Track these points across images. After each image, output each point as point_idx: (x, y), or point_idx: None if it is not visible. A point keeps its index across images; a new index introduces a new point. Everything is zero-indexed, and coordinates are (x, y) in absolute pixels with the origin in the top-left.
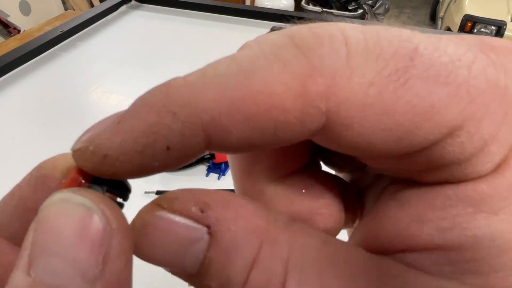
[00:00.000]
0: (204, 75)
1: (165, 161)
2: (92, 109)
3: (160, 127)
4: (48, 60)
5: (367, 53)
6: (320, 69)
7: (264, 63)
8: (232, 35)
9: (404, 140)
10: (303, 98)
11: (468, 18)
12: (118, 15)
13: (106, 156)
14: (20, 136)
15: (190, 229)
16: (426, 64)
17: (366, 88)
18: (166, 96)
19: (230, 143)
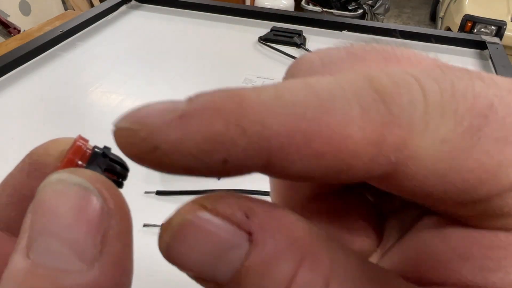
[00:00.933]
0: (281, 97)
1: (214, 171)
2: (92, 109)
3: (225, 139)
4: (48, 60)
5: (443, 108)
6: (398, 119)
7: (344, 102)
8: (232, 35)
9: (465, 194)
10: (377, 146)
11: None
12: (118, 15)
13: (157, 148)
14: (20, 136)
15: (232, 234)
16: (499, 123)
17: (439, 144)
18: (239, 107)
19: (289, 172)
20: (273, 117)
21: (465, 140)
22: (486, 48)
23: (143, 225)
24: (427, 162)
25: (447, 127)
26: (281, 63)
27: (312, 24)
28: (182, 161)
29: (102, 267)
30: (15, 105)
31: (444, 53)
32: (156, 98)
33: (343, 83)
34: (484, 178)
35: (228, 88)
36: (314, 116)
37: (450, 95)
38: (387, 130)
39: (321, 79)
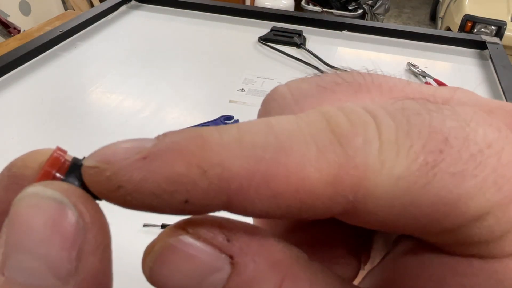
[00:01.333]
0: (241, 139)
1: (176, 210)
2: (92, 109)
3: (186, 180)
4: (48, 60)
5: (398, 146)
6: (354, 160)
7: (302, 144)
8: (232, 35)
9: (428, 227)
10: (334, 186)
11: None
12: (118, 15)
13: (120, 187)
14: (20, 136)
15: (213, 257)
16: (455, 157)
17: (395, 182)
18: (200, 149)
19: (250, 211)
20: (233, 159)
21: (421, 176)
22: (486, 48)
23: (143, 225)
24: (385, 199)
25: (402, 165)
26: (281, 63)
27: (312, 24)
28: (145, 200)
29: (77, 283)
30: (15, 105)
31: (444, 53)
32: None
33: (302, 124)
34: (445, 211)
35: (193, 129)
36: (272, 158)
37: (405, 132)
38: (343, 171)
39: (282, 120)
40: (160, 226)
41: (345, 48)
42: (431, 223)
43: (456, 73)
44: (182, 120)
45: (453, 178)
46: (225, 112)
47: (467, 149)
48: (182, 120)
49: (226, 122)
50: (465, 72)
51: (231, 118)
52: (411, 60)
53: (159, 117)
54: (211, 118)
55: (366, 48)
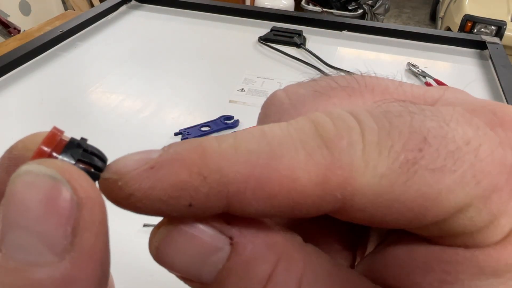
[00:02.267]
0: (237, 147)
1: (182, 214)
2: (92, 109)
3: (189, 186)
4: (48, 60)
5: (380, 146)
6: (339, 162)
7: (292, 149)
8: (232, 35)
9: (414, 221)
10: (322, 186)
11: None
12: (118, 15)
13: (131, 195)
14: (20, 136)
15: (214, 238)
16: (433, 154)
17: (379, 180)
18: (200, 158)
19: (248, 212)
20: (230, 166)
21: (403, 174)
22: (486, 48)
23: (143, 225)
24: (370, 196)
25: (385, 164)
26: (281, 63)
27: (312, 24)
28: (153, 206)
29: (74, 259)
30: (15, 105)
31: (444, 53)
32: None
33: (292, 130)
34: (427, 206)
35: (194, 139)
36: (265, 163)
37: (386, 134)
38: (330, 172)
39: (274, 128)
40: None
41: (345, 48)
42: (416, 218)
43: (456, 73)
44: (182, 120)
45: (433, 174)
46: (225, 112)
47: (445, 147)
48: (182, 120)
49: (226, 122)
50: (465, 72)
51: (231, 118)
52: (411, 60)
53: (159, 117)
54: (211, 118)
55: (366, 48)
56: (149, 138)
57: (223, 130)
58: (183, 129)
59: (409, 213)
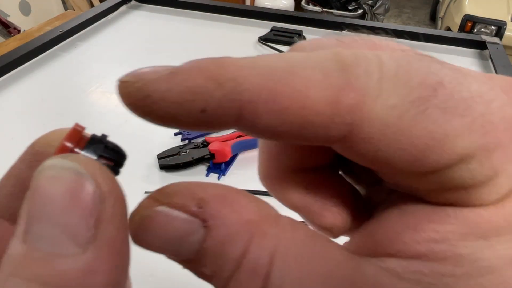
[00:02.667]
0: (255, 62)
1: (195, 121)
2: (92, 109)
3: (204, 90)
4: (48, 60)
5: (396, 79)
6: (354, 85)
7: (309, 68)
8: (232, 35)
9: (417, 161)
10: (333, 106)
11: (468, 18)
12: (118, 15)
13: (148, 96)
14: (20, 136)
15: (187, 222)
16: (447, 96)
17: (389, 110)
18: (218, 67)
19: (258, 126)
20: (246, 76)
21: (414, 108)
22: (486, 48)
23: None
24: (378, 125)
25: (398, 96)
26: None
27: (312, 24)
28: (168, 108)
29: (96, 250)
30: (15, 105)
31: (444, 53)
32: None
33: (313, 55)
34: (431, 146)
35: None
36: (281, 77)
37: (404, 71)
38: (343, 93)
39: (295, 53)
40: None
41: None
42: (419, 158)
43: None
44: None
45: (443, 114)
46: None
47: (459, 92)
48: None
49: None
50: None
51: None
52: None
53: None
54: None
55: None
56: (149, 138)
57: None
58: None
59: (413, 150)
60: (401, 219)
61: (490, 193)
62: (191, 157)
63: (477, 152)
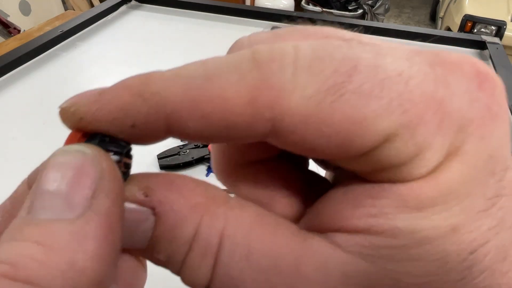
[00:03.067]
0: (178, 73)
1: (128, 135)
2: None
3: (130, 107)
4: (48, 60)
5: (311, 70)
6: (269, 82)
7: (226, 72)
8: (232, 35)
9: (343, 146)
10: (251, 105)
11: (468, 18)
12: (118, 15)
13: (81, 118)
14: (20, 136)
15: (136, 212)
16: (362, 80)
17: (307, 101)
18: (143, 83)
19: (187, 133)
20: (168, 88)
21: (329, 95)
22: (486, 48)
23: None
24: (299, 117)
25: (314, 86)
26: None
27: (312, 24)
28: (101, 127)
29: (90, 218)
30: (15, 105)
31: None
32: None
33: (230, 58)
34: (353, 130)
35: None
36: (200, 85)
37: (319, 60)
38: (259, 91)
39: (216, 57)
40: None
41: None
42: (344, 144)
43: None
44: None
45: (359, 98)
46: None
47: (375, 75)
48: None
49: None
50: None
51: None
52: None
53: None
54: None
55: None
56: None
57: None
58: None
59: (337, 137)
60: (344, 197)
61: (419, 168)
62: (191, 157)
63: (399, 131)
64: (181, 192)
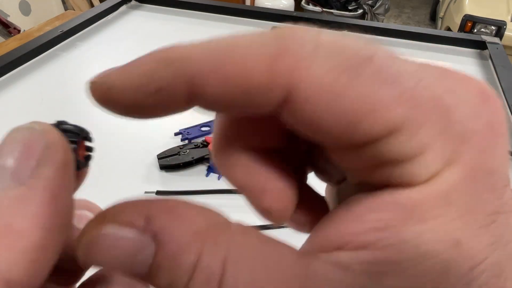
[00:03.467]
0: (200, 43)
1: (153, 101)
2: (92, 109)
3: (154, 72)
4: (48, 60)
5: (331, 51)
6: (289, 52)
7: (248, 42)
8: None
9: (350, 127)
10: (270, 70)
11: (468, 18)
12: (118, 15)
13: (110, 88)
14: None
15: (137, 238)
16: (377, 67)
17: (323, 75)
18: (166, 51)
19: (207, 97)
20: (192, 53)
21: (346, 75)
22: (486, 48)
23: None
24: (314, 87)
25: (333, 62)
26: None
27: (312, 24)
28: (128, 96)
29: (32, 185)
30: (15, 105)
31: (444, 53)
32: None
33: (254, 34)
34: (362, 113)
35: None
36: (224, 50)
37: (340, 44)
38: (279, 58)
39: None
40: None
41: None
42: (350, 126)
43: None
44: (182, 120)
45: (374, 83)
46: None
47: (388, 68)
48: (182, 120)
49: None
50: (465, 72)
51: None
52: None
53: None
54: (211, 118)
55: None
56: (149, 138)
57: None
58: (183, 129)
59: (346, 117)
60: (347, 213)
61: (420, 169)
62: (191, 157)
63: (405, 124)
64: (182, 219)
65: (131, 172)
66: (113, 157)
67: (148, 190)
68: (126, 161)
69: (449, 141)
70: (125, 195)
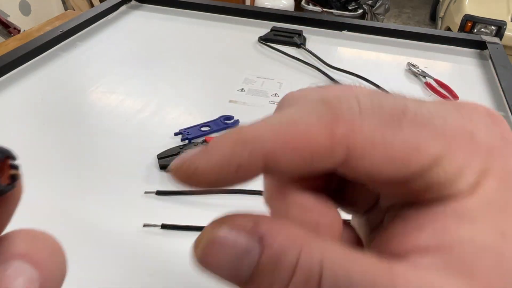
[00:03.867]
0: (265, 123)
1: (233, 177)
2: (92, 109)
3: (235, 153)
4: (48, 60)
5: (372, 109)
6: (342, 118)
7: (306, 115)
8: (232, 35)
9: (402, 168)
10: (331, 137)
11: (468, 18)
12: (118, 15)
13: (197, 168)
14: (20, 136)
15: (246, 240)
16: (413, 115)
17: (373, 131)
18: (239, 133)
19: (280, 167)
20: (262, 133)
21: (390, 127)
22: (486, 48)
23: (143, 225)
24: (368, 144)
25: (378, 119)
26: (281, 63)
27: (312, 24)
28: (213, 174)
29: None
30: (15, 105)
31: (444, 53)
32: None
33: (305, 106)
34: (410, 154)
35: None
36: (287, 128)
37: (378, 102)
38: (335, 126)
39: (292, 109)
40: (160, 226)
41: (345, 48)
42: (403, 165)
43: (456, 73)
44: (182, 120)
45: (413, 129)
46: (225, 112)
47: (421, 113)
48: (182, 120)
49: (226, 122)
50: (465, 72)
51: (231, 118)
52: (411, 60)
53: (159, 117)
54: (211, 118)
55: (366, 48)
56: (149, 138)
57: (223, 130)
58: (183, 129)
59: (397, 160)
60: (406, 223)
61: (462, 183)
62: None
63: (444, 153)
64: (283, 225)
65: (131, 172)
66: (113, 157)
67: (148, 190)
68: (126, 161)
69: (479, 157)
70: (125, 195)
